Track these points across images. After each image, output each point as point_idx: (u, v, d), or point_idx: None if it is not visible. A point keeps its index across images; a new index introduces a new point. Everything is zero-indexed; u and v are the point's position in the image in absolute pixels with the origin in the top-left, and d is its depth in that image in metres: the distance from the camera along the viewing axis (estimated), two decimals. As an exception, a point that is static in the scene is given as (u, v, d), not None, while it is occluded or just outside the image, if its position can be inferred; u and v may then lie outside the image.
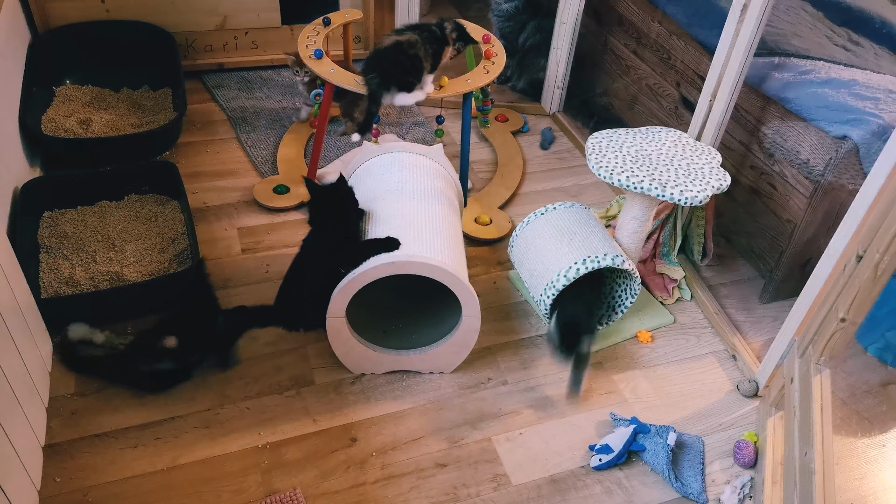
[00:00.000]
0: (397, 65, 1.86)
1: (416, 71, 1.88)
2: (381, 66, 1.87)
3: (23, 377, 1.42)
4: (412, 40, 1.87)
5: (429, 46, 1.90)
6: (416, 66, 1.88)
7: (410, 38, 1.88)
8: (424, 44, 1.88)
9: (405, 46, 1.86)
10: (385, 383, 1.71)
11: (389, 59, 1.87)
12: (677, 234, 2.08)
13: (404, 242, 1.56)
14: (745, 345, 1.86)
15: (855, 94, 1.83)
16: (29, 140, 2.09)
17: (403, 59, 1.86)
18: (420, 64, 1.88)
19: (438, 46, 1.93)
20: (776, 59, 1.98)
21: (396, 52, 1.86)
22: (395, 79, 1.86)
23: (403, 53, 1.85)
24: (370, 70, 1.88)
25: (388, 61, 1.87)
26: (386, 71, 1.86)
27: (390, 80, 1.86)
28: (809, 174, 1.81)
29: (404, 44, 1.86)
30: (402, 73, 1.86)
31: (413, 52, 1.86)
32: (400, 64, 1.85)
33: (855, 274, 1.36)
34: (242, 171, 2.30)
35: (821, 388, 1.46)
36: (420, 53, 1.87)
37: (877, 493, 1.46)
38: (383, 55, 1.88)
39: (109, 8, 2.46)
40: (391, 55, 1.86)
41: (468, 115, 2.07)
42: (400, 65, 1.86)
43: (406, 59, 1.86)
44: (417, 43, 1.87)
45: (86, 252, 1.88)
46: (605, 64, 2.61)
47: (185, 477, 1.48)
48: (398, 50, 1.86)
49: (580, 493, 1.52)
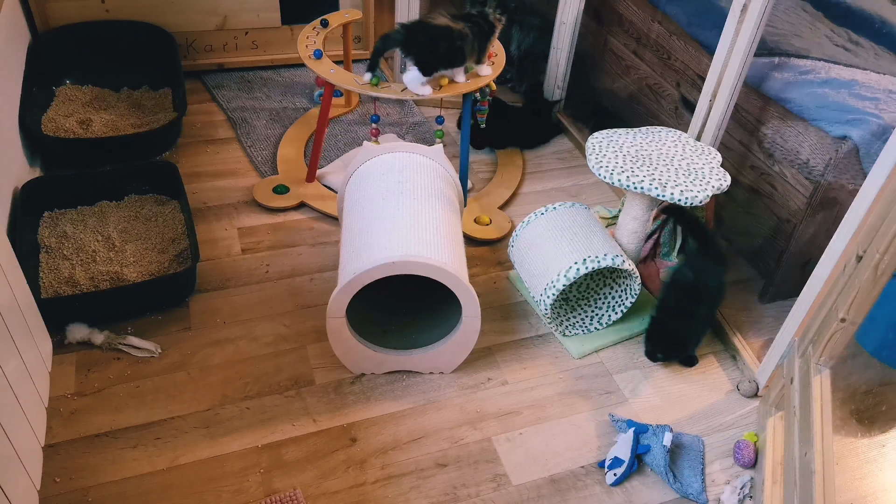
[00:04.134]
0: (431, 45, 1.81)
1: (445, 60, 1.85)
2: (415, 35, 1.81)
3: (23, 377, 1.43)
4: (464, 33, 1.82)
5: (478, 42, 1.87)
6: (450, 57, 1.84)
7: (463, 30, 1.82)
8: (475, 40, 1.85)
9: (455, 35, 1.80)
10: (385, 383, 1.71)
11: (429, 36, 1.81)
12: (677, 234, 2.08)
13: (404, 242, 1.56)
14: (745, 345, 1.86)
15: (855, 94, 1.83)
16: (29, 140, 2.09)
17: (443, 44, 1.81)
18: (459, 59, 1.85)
19: (486, 39, 1.91)
20: (776, 59, 1.98)
21: (442, 35, 1.80)
22: (417, 51, 1.81)
23: (447, 40, 1.80)
24: (403, 27, 1.83)
25: (426, 37, 1.81)
26: (416, 42, 1.81)
27: (412, 50, 1.82)
28: (809, 174, 1.81)
29: (455, 33, 1.81)
30: (429, 54, 1.82)
31: (459, 44, 1.81)
32: (435, 46, 1.80)
33: (855, 274, 1.36)
34: (242, 171, 2.30)
35: (821, 388, 1.46)
36: (466, 49, 1.83)
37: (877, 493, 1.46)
38: (427, 29, 1.81)
39: (109, 8, 2.46)
40: (435, 35, 1.81)
41: (468, 116, 2.07)
42: (434, 46, 1.81)
43: (446, 45, 1.81)
44: (468, 38, 1.83)
45: (86, 252, 1.88)
46: (605, 64, 2.61)
47: (185, 477, 1.48)
48: (445, 35, 1.80)
49: (580, 493, 1.52)
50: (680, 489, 1.52)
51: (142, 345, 1.70)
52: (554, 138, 2.61)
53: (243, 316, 1.83)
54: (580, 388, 1.74)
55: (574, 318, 1.88)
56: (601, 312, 1.88)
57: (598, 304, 1.89)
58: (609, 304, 1.87)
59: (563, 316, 1.88)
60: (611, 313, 1.86)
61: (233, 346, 1.75)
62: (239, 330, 1.79)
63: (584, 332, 1.86)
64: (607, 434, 1.64)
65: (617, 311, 1.86)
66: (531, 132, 2.56)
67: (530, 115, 2.56)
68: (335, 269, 1.99)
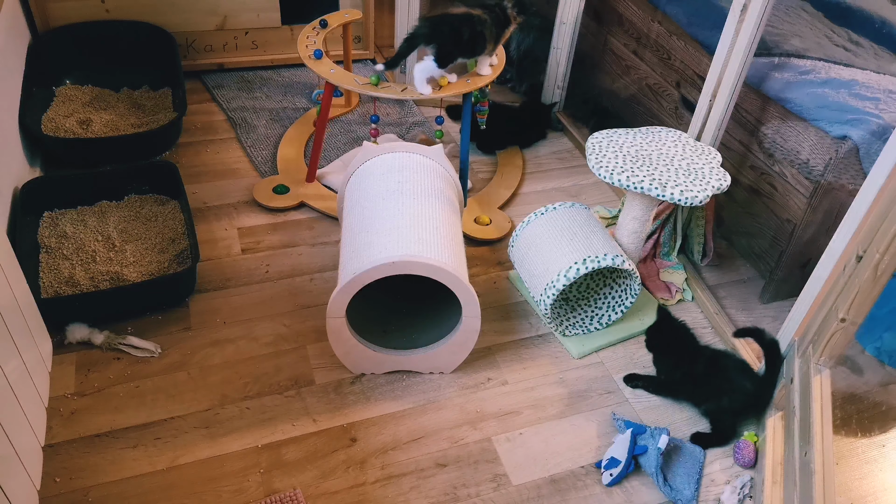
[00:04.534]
0: (455, 34, 1.82)
1: (467, 49, 1.86)
2: (439, 26, 1.83)
3: (23, 377, 1.43)
4: (483, 18, 1.84)
5: (495, 28, 1.88)
6: (473, 45, 1.85)
7: (482, 15, 1.84)
8: (493, 25, 1.86)
9: (475, 21, 1.82)
10: (385, 383, 1.71)
11: (452, 26, 1.83)
12: (677, 234, 2.08)
13: (405, 242, 1.56)
14: (745, 345, 1.86)
15: (855, 94, 1.83)
16: (29, 140, 2.09)
17: (465, 31, 1.82)
18: (480, 45, 1.86)
19: (502, 28, 1.92)
20: (776, 59, 1.98)
21: (462, 22, 1.82)
22: (440, 41, 1.82)
23: (469, 27, 1.82)
24: (426, 20, 1.85)
25: (448, 26, 1.83)
26: (439, 32, 1.83)
27: (435, 40, 1.83)
28: (809, 174, 1.81)
29: (475, 18, 1.82)
30: (452, 43, 1.83)
31: (480, 29, 1.82)
32: (458, 35, 1.82)
33: (855, 274, 1.36)
34: (242, 171, 2.30)
35: (821, 388, 1.46)
36: (486, 33, 1.84)
37: (877, 493, 1.46)
38: (448, 19, 1.83)
39: (109, 8, 2.46)
40: (456, 23, 1.82)
41: (468, 116, 2.07)
42: (457, 35, 1.82)
43: (468, 32, 1.82)
44: (487, 23, 1.84)
45: (86, 252, 1.88)
46: (605, 64, 2.61)
47: (185, 477, 1.48)
48: (465, 21, 1.82)
49: (580, 493, 1.52)
50: (669, 493, 1.51)
51: (142, 345, 1.70)
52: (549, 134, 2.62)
53: (243, 316, 1.83)
54: (580, 388, 1.74)
55: (574, 318, 1.88)
56: (601, 312, 1.88)
57: (598, 305, 1.89)
58: (609, 305, 1.87)
59: (563, 316, 1.88)
60: (611, 313, 1.86)
61: (233, 346, 1.75)
62: (239, 330, 1.79)
63: (584, 332, 1.86)
64: (607, 434, 1.64)
65: (617, 311, 1.86)
66: (529, 134, 2.57)
67: (528, 117, 2.57)
68: (335, 269, 1.99)
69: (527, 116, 2.57)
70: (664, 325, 1.70)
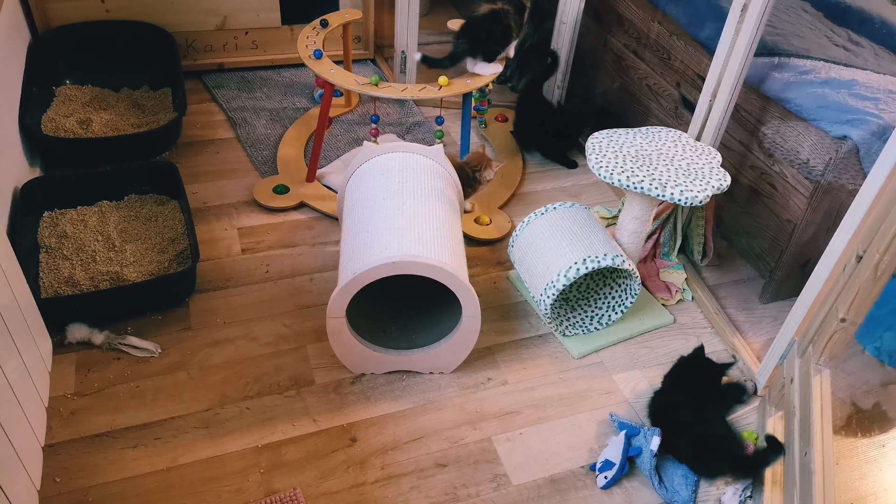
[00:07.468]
0: (490, 34, 1.96)
1: (504, 40, 1.98)
2: (475, 34, 1.98)
3: (23, 377, 1.43)
4: (506, 9, 1.96)
5: (517, 16, 2.00)
6: (505, 36, 1.98)
7: (504, 6, 1.96)
8: (514, 13, 1.98)
9: (501, 14, 1.95)
10: (385, 383, 1.71)
11: (485, 28, 1.96)
12: (677, 234, 2.08)
13: (405, 242, 1.56)
14: (745, 345, 1.86)
15: (855, 94, 1.83)
16: (29, 140, 2.09)
17: (497, 27, 1.95)
18: (510, 34, 1.98)
19: (521, 15, 2.06)
20: (776, 59, 1.98)
21: (492, 20, 1.95)
22: (483, 47, 1.97)
23: (498, 22, 1.94)
24: (462, 36, 1.99)
25: (483, 31, 1.97)
26: (478, 39, 1.97)
27: (478, 49, 1.97)
28: (809, 174, 1.81)
29: (500, 12, 1.95)
30: (493, 42, 1.97)
31: (506, 21, 1.94)
32: (493, 33, 1.95)
33: (855, 274, 1.36)
34: (242, 171, 2.30)
35: (821, 388, 1.46)
36: (511, 23, 1.96)
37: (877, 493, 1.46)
38: (480, 24, 1.97)
39: (109, 8, 2.46)
40: (487, 24, 1.95)
41: (468, 116, 2.07)
42: (493, 34, 1.95)
43: (499, 28, 1.95)
44: (510, 13, 1.96)
45: (86, 252, 1.88)
46: (605, 64, 2.61)
47: (185, 477, 1.48)
48: (494, 18, 1.94)
49: (580, 493, 1.52)
50: (665, 495, 1.51)
51: (142, 345, 1.71)
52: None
53: (243, 316, 1.83)
54: (580, 388, 1.74)
55: (574, 318, 1.88)
56: (601, 312, 1.88)
57: (599, 305, 1.89)
58: (609, 305, 1.87)
59: (563, 316, 1.88)
60: (611, 313, 1.86)
61: (233, 346, 1.75)
62: (239, 330, 1.79)
63: (584, 332, 1.86)
64: (607, 434, 1.64)
65: (617, 311, 1.86)
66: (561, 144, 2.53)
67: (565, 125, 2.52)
68: (335, 269, 1.99)
69: (564, 123, 2.51)
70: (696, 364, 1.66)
